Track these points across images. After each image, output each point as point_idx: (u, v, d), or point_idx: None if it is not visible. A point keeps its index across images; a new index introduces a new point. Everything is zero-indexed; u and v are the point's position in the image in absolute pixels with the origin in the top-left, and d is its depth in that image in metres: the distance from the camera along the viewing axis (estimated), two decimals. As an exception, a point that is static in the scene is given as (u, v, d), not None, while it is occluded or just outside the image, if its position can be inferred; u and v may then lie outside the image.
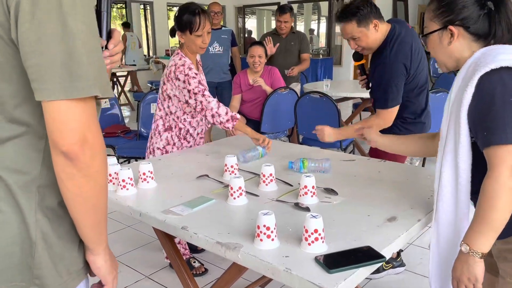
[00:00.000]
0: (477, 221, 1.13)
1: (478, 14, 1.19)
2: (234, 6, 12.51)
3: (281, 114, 3.81)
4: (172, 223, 1.34)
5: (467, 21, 1.20)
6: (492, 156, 1.10)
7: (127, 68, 8.12)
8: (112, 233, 3.01)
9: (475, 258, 1.13)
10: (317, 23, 11.92)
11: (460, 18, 1.20)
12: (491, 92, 1.10)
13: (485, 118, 1.11)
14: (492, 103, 1.09)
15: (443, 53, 1.27)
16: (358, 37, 2.07)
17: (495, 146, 1.09)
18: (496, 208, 1.09)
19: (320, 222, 1.14)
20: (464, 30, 1.21)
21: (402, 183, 1.66)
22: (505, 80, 1.10)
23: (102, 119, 3.94)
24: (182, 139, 2.34)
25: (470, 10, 1.20)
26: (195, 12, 2.15)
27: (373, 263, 1.09)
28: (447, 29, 1.22)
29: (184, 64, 2.17)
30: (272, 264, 1.09)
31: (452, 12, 1.21)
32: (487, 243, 1.12)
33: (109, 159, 1.68)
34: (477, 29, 1.20)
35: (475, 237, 1.13)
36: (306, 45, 4.48)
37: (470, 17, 1.20)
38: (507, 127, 1.07)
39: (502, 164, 1.08)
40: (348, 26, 2.07)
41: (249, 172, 1.80)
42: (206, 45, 2.22)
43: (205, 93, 2.14)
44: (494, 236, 1.12)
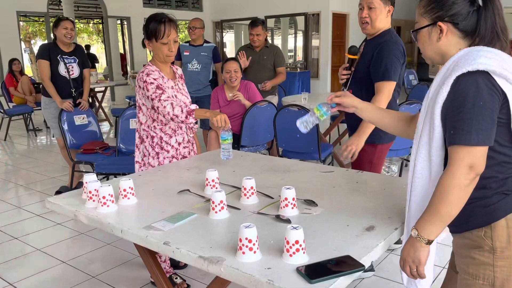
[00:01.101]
0: (428, 211, 1.19)
1: (468, 10, 1.21)
2: (212, 21, 12.61)
3: (260, 128, 3.84)
4: (154, 239, 1.34)
5: (456, 18, 1.22)
6: (454, 154, 1.15)
7: (105, 83, 8.06)
8: (92, 251, 2.96)
9: (421, 243, 1.21)
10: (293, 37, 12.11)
11: (449, 15, 1.22)
12: (464, 93, 1.13)
13: (454, 117, 1.15)
14: (463, 104, 1.13)
15: (431, 48, 1.29)
16: (375, 8, 2.21)
17: (458, 145, 1.14)
18: (447, 202, 1.15)
19: (300, 233, 1.16)
20: (453, 27, 1.23)
21: (379, 193, 1.71)
22: (480, 84, 1.13)
23: (79, 136, 3.91)
24: (157, 148, 2.32)
25: (460, 7, 1.21)
26: (161, 20, 2.19)
27: (353, 271, 1.12)
28: (437, 25, 1.24)
29: (143, 71, 2.23)
30: (255, 277, 1.10)
31: (441, 9, 1.23)
32: (435, 231, 1.19)
33: (89, 176, 1.67)
34: (465, 26, 1.22)
35: (424, 225, 1.20)
36: (280, 59, 4.54)
37: (460, 13, 1.21)
38: (472, 129, 1.12)
39: (460, 163, 1.13)
40: None
41: (230, 185, 1.82)
42: (173, 54, 2.25)
43: (161, 98, 2.16)
44: (442, 226, 1.19)
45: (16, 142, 6.79)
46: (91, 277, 2.62)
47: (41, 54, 3.95)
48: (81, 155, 3.82)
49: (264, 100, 3.91)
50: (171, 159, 2.33)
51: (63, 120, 3.85)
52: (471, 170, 1.13)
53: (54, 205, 1.69)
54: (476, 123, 1.12)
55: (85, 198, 1.65)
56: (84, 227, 3.31)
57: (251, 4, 11.09)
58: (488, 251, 1.21)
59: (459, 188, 1.14)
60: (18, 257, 2.90)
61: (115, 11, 10.73)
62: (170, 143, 2.34)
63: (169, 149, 2.34)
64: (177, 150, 2.37)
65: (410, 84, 7.67)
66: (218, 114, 2.14)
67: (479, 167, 1.14)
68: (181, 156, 2.38)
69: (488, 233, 1.21)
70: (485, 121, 1.12)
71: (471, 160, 1.13)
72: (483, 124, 1.12)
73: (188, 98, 2.41)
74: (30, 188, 4.41)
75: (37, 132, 7.37)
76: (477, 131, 1.12)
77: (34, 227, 3.41)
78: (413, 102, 3.71)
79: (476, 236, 1.23)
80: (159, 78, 2.23)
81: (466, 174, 1.13)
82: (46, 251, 2.98)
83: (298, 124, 1.67)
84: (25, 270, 2.73)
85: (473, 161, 1.13)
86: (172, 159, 2.34)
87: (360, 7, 2.29)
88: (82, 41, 22.63)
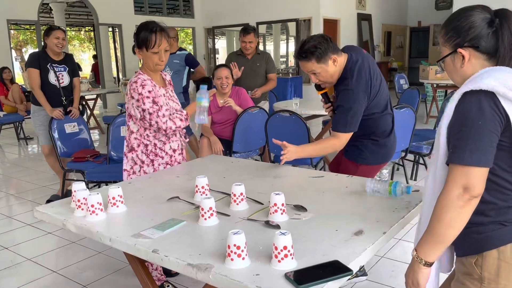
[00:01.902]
0: (426, 231, 1.20)
1: (487, 32, 1.19)
2: (204, 28, 12.65)
3: (252, 133, 3.85)
4: (142, 247, 1.33)
5: (476, 41, 1.20)
6: (449, 173, 1.14)
7: (96, 91, 8.04)
8: (83, 260, 2.94)
9: (419, 265, 1.20)
10: (285, 43, 12.18)
11: (467, 40, 1.20)
12: (466, 112, 1.13)
13: (455, 135, 1.14)
14: (463, 123, 1.13)
15: (458, 75, 1.26)
16: (319, 72, 2.16)
17: (453, 164, 1.13)
18: (441, 222, 1.14)
19: (288, 239, 1.16)
20: (475, 51, 1.21)
21: (368, 197, 1.72)
22: (483, 104, 1.11)
23: (70, 144, 3.89)
24: (152, 156, 2.31)
25: (478, 30, 1.19)
26: (152, 29, 2.18)
27: (341, 276, 1.13)
28: (457, 52, 1.23)
29: (136, 82, 2.20)
30: (243, 283, 1.10)
31: (459, 35, 1.22)
32: (432, 253, 1.18)
33: (77, 184, 1.67)
34: (487, 48, 1.20)
35: (422, 246, 1.20)
36: (272, 65, 4.56)
37: (479, 36, 1.19)
38: (467, 149, 1.10)
39: (454, 183, 1.12)
40: (308, 64, 2.15)
41: (220, 192, 1.82)
42: (163, 63, 2.25)
43: (159, 114, 2.18)
44: (439, 248, 1.18)
45: (7, 151, 6.74)
46: (83, 286, 2.60)
47: (31, 63, 3.93)
48: (72, 163, 3.80)
49: (256, 106, 3.92)
50: (165, 165, 2.33)
51: (54, 128, 3.82)
52: (466, 191, 1.11)
53: (43, 214, 1.68)
54: (472, 143, 1.10)
55: (74, 206, 1.64)
56: (75, 236, 3.28)
57: (243, 11, 11.14)
58: (477, 280, 1.20)
59: (453, 209, 1.12)
60: (8, 267, 2.87)
61: (106, 18, 10.73)
62: (164, 150, 2.34)
63: (163, 155, 2.33)
64: (171, 156, 2.36)
65: (401, 88, 7.73)
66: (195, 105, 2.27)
67: (475, 189, 1.11)
68: (176, 163, 2.37)
69: (479, 262, 1.19)
70: (482, 141, 1.10)
71: (465, 181, 1.11)
72: (480, 144, 1.10)
73: (179, 105, 2.41)
74: (21, 198, 4.37)
75: (28, 141, 7.32)
76: (471, 151, 1.10)
77: (24, 236, 3.37)
78: (404, 107, 3.73)
79: (468, 263, 1.22)
80: (153, 89, 2.22)
81: (460, 195, 1.11)
82: (37, 260, 2.95)
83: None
84: (16, 280, 2.70)
85: (467, 182, 1.10)
86: (167, 166, 2.33)
87: (308, 74, 2.23)
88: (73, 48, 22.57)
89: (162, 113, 2.18)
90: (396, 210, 1.55)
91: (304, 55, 2.13)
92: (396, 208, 1.57)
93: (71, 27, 19.93)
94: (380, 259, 2.76)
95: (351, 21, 11.32)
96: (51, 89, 3.94)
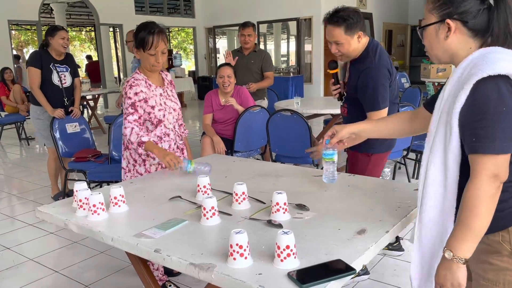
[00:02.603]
0: (459, 228, 1.14)
1: (478, 8, 1.16)
2: (205, 27, 12.64)
3: (253, 133, 3.85)
4: (144, 246, 1.33)
5: (466, 16, 1.17)
6: (477, 164, 1.11)
7: (97, 91, 8.04)
8: (85, 259, 2.94)
9: (458, 264, 1.14)
10: (286, 42, 12.16)
11: (459, 12, 1.17)
12: (486, 99, 1.09)
13: (476, 124, 1.10)
14: (485, 111, 1.09)
15: (439, 47, 1.24)
16: (342, 43, 2.17)
17: (481, 154, 1.10)
18: (478, 215, 1.11)
19: (291, 238, 1.16)
20: (462, 25, 1.18)
21: (370, 196, 1.71)
22: (502, 89, 1.09)
23: (72, 144, 3.88)
24: (144, 156, 2.31)
25: (470, 4, 1.16)
26: (150, 31, 2.20)
27: (344, 275, 1.12)
28: (445, 22, 1.20)
29: (128, 81, 2.26)
30: (246, 283, 1.10)
31: (451, 5, 1.18)
32: (470, 249, 1.14)
33: (79, 184, 1.66)
34: (475, 24, 1.17)
35: (458, 244, 1.14)
36: (268, 64, 4.56)
37: (469, 11, 1.17)
38: (496, 137, 1.08)
39: (485, 173, 1.10)
40: (335, 30, 2.15)
41: (222, 191, 1.81)
42: (160, 65, 2.26)
43: (128, 118, 2.20)
44: (476, 242, 1.14)
45: (8, 151, 6.75)
46: (85, 286, 2.60)
47: (33, 62, 3.88)
48: (73, 163, 3.80)
49: (257, 105, 3.92)
50: (157, 166, 2.33)
51: (55, 129, 3.82)
52: (496, 179, 1.10)
53: (44, 214, 1.68)
54: (501, 130, 1.08)
55: (76, 206, 1.64)
56: (76, 236, 3.29)
57: (244, 10, 11.13)
58: (507, 256, 1.19)
59: (488, 199, 1.10)
60: (10, 267, 2.87)
61: (107, 18, 10.73)
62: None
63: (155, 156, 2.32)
64: None
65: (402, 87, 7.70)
66: (167, 154, 2.10)
67: (504, 175, 1.11)
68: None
69: (506, 238, 1.18)
70: (510, 128, 1.08)
71: (496, 169, 1.10)
72: (507, 131, 1.08)
73: (178, 104, 2.41)
74: (23, 198, 4.37)
75: (29, 141, 7.32)
76: (501, 139, 1.08)
77: (27, 236, 3.38)
78: (405, 105, 3.73)
79: (492, 241, 1.20)
80: (143, 90, 2.23)
81: (491, 184, 1.10)
82: (39, 260, 2.95)
83: (326, 181, 1.78)
84: (18, 280, 2.70)
85: (498, 170, 1.10)
86: (159, 166, 2.33)
87: (328, 43, 2.23)
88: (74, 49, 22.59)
89: (132, 118, 2.20)
90: (398, 209, 1.55)
91: (336, 19, 2.13)
92: (398, 207, 1.56)
93: (72, 27, 19.94)
94: (382, 258, 2.76)
95: (352, 19, 11.29)
96: (54, 90, 3.92)
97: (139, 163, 2.32)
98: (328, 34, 2.18)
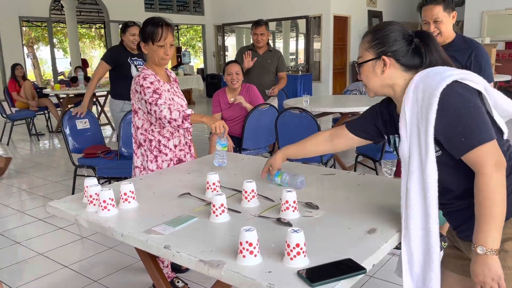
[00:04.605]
0: (483, 221, 1.17)
1: (407, 49, 1.33)
2: (214, 25, 12.65)
3: (262, 131, 3.84)
4: (154, 242, 1.33)
5: (398, 54, 1.33)
6: (477, 156, 1.18)
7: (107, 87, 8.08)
8: (93, 255, 2.96)
9: (492, 256, 1.17)
10: (295, 40, 12.13)
11: (391, 50, 1.33)
12: (453, 104, 1.19)
13: (457, 127, 1.19)
14: (458, 113, 1.19)
15: (376, 80, 1.38)
16: (440, 21, 2.30)
17: (478, 146, 1.17)
18: (497, 203, 1.16)
19: (301, 236, 1.15)
20: (395, 61, 1.33)
21: (380, 195, 1.70)
22: (459, 91, 1.21)
23: (81, 140, 3.91)
24: (155, 152, 2.31)
25: (400, 45, 1.33)
26: (158, 23, 2.20)
27: (355, 275, 1.11)
28: (381, 58, 1.34)
29: (139, 75, 2.24)
30: (255, 280, 1.09)
31: (384, 45, 1.33)
32: (498, 238, 1.17)
33: (89, 180, 1.67)
34: (406, 61, 1.33)
35: (487, 236, 1.17)
36: (283, 64, 4.58)
37: (400, 50, 1.33)
38: (482, 127, 1.18)
39: (489, 161, 1.16)
40: (435, 9, 2.29)
41: (231, 189, 1.81)
42: (169, 57, 2.26)
43: (158, 102, 2.17)
44: (501, 231, 1.18)
45: (18, 147, 6.81)
46: (93, 281, 2.62)
47: (107, 58, 4.07)
48: (83, 159, 3.82)
49: (266, 103, 3.91)
50: (169, 162, 2.33)
51: (65, 125, 3.85)
52: (500, 164, 1.17)
53: (55, 210, 1.69)
54: (481, 123, 1.18)
55: (86, 202, 1.65)
56: (86, 232, 3.31)
57: (253, 8, 11.12)
58: None
59: (502, 185, 1.16)
60: (20, 262, 2.90)
61: (117, 15, 10.78)
62: (168, 146, 2.33)
63: (167, 152, 2.33)
64: (174, 152, 2.36)
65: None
66: (215, 120, 2.13)
67: (503, 159, 1.18)
68: (176, 159, 2.37)
69: None
70: (485, 117, 1.20)
71: (495, 155, 1.17)
72: (486, 121, 1.19)
73: (184, 100, 2.41)
74: (33, 193, 4.42)
75: (39, 137, 7.39)
76: (486, 129, 1.18)
77: (36, 231, 3.41)
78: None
79: (505, 227, 1.21)
80: (156, 82, 2.23)
81: (498, 169, 1.17)
82: (49, 255, 2.98)
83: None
84: (28, 275, 2.73)
85: (497, 156, 1.17)
86: (170, 162, 2.33)
87: (424, 22, 2.35)
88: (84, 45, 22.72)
89: (162, 101, 2.18)
90: (409, 209, 1.53)
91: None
92: (409, 207, 1.55)
93: (82, 24, 20.07)
94: (391, 258, 2.74)
95: (362, 18, 11.24)
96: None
97: (151, 159, 2.31)
98: (427, 13, 2.33)
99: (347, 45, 10.95)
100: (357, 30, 10.94)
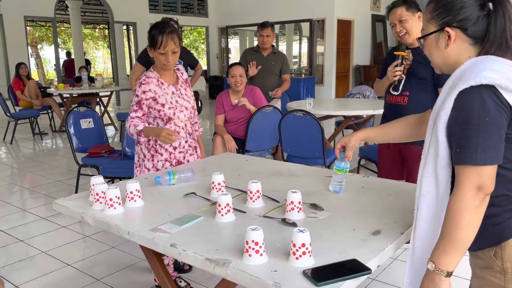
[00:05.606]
0: (442, 239, 1.11)
1: (478, 15, 1.13)
2: (217, 27, 12.68)
3: (265, 133, 3.85)
4: (160, 241, 1.34)
5: (466, 23, 1.14)
6: (460, 175, 1.09)
7: (110, 88, 8.11)
8: (96, 254, 2.97)
9: (441, 277, 1.11)
10: (298, 43, 12.15)
11: (457, 20, 1.15)
12: (469, 109, 1.07)
13: (459, 134, 1.09)
14: (467, 121, 1.07)
15: (439, 56, 1.22)
16: (405, 19, 2.42)
17: (464, 165, 1.08)
18: (460, 227, 1.07)
19: (307, 237, 1.16)
20: (462, 33, 1.15)
21: (385, 197, 1.71)
22: (485, 98, 1.05)
23: (85, 140, 3.93)
24: (153, 151, 2.35)
25: (469, 11, 1.13)
26: (162, 30, 2.22)
27: (360, 275, 1.12)
28: (444, 31, 1.17)
29: (140, 78, 2.32)
30: (261, 279, 1.10)
31: (449, 14, 1.16)
32: (453, 261, 1.10)
33: (96, 178, 1.69)
34: (475, 31, 1.14)
35: (441, 256, 1.11)
36: (287, 66, 4.59)
37: (469, 18, 1.14)
38: (479, 148, 1.05)
39: (468, 184, 1.07)
40: (398, 9, 2.43)
41: (236, 189, 1.82)
42: (170, 64, 2.28)
43: (132, 114, 2.27)
44: (460, 255, 1.10)
45: (22, 146, 6.84)
46: (96, 280, 2.63)
47: (140, 59, 4.28)
48: (87, 158, 3.84)
49: (269, 105, 3.92)
50: (164, 162, 2.35)
51: (69, 124, 3.87)
52: (480, 190, 1.06)
53: (61, 207, 1.70)
54: (483, 141, 1.05)
55: (92, 200, 1.66)
56: (88, 230, 3.32)
57: (257, 10, 11.15)
58: (499, 272, 1.16)
59: (471, 211, 1.06)
60: (23, 260, 2.91)
61: (121, 16, 10.82)
62: (164, 146, 2.35)
63: (163, 152, 2.35)
64: (171, 154, 2.37)
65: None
66: (161, 131, 2.10)
67: (488, 187, 1.07)
68: (175, 161, 2.38)
69: (498, 253, 1.15)
70: (493, 138, 1.06)
71: (479, 180, 1.06)
72: (490, 142, 1.05)
73: (191, 102, 2.42)
74: (36, 191, 4.43)
75: (42, 136, 7.41)
76: (483, 150, 1.05)
77: (39, 229, 3.42)
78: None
79: (487, 256, 1.18)
80: (152, 89, 2.27)
81: (475, 195, 1.06)
82: (51, 253, 2.99)
83: (331, 188, 1.78)
84: (30, 273, 2.74)
85: (481, 182, 1.06)
86: (166, 163, 2.35)
87: (392, 25, 2.48)
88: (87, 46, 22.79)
89: (135, 114, 2.26)
90: (413, 211, 1.53)
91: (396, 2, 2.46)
92: (413, 209, 1.55)
93: (86, 24, 20.15)
94: (393, 261, 2.74)
95: (366, 22, 11.26)
96: None
97: (148, 158, 2.36)
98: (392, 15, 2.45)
99: (351, 48, 10.97)
100: (360, 34, 10.96)
